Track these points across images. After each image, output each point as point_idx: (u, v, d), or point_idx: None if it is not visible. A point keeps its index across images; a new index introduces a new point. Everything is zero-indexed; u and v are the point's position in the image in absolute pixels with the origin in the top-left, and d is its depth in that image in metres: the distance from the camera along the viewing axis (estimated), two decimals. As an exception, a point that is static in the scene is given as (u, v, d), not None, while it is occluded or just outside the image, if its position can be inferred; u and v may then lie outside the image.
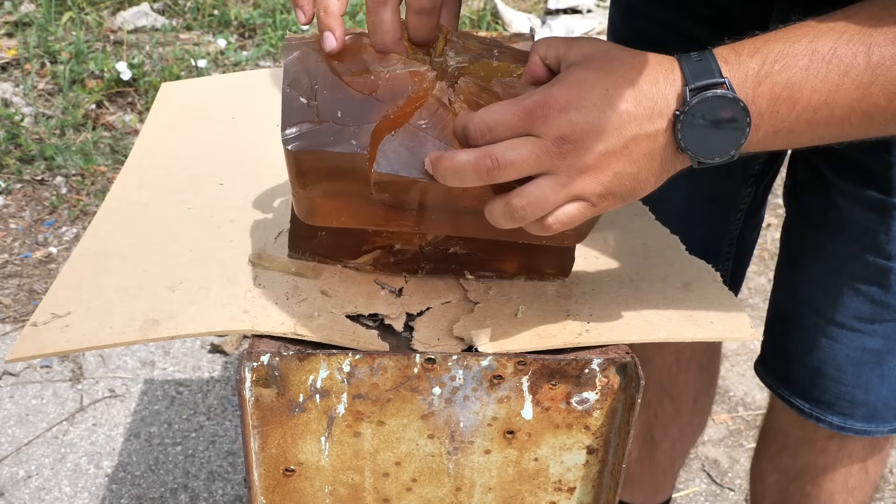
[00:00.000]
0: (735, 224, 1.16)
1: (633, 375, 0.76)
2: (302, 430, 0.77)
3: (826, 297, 1.00)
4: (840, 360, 1.01)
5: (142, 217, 0.92)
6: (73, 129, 2.61)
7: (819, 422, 1.06)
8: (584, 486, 0.83)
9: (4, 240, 2.28)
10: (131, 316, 0.77)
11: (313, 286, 0.82)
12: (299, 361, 0.74)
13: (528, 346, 0.76)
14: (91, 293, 0.80)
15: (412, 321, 0.80)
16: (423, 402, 0.77)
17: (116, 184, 0.99)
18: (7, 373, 1.90)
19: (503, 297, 0.83)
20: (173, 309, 0.78)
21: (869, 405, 1.03)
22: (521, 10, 3.24)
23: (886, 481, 1.80)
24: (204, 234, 0.88)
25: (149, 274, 0.83)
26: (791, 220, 1.06)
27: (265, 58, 3.09)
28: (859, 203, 0.93)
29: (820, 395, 1.04)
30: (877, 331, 0.98)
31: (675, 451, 1.43)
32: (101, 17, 3.09)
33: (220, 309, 0.78)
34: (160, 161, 1.03)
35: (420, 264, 0.84)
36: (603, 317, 0.80)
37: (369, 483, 0.81)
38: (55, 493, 1.66)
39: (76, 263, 0.85)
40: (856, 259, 0.96)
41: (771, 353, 1.12)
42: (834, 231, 0.97)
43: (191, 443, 1.77)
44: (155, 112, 1.16)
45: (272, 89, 1.22)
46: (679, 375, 1.30)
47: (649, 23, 1.05)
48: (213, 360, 1.96)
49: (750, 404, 1.93)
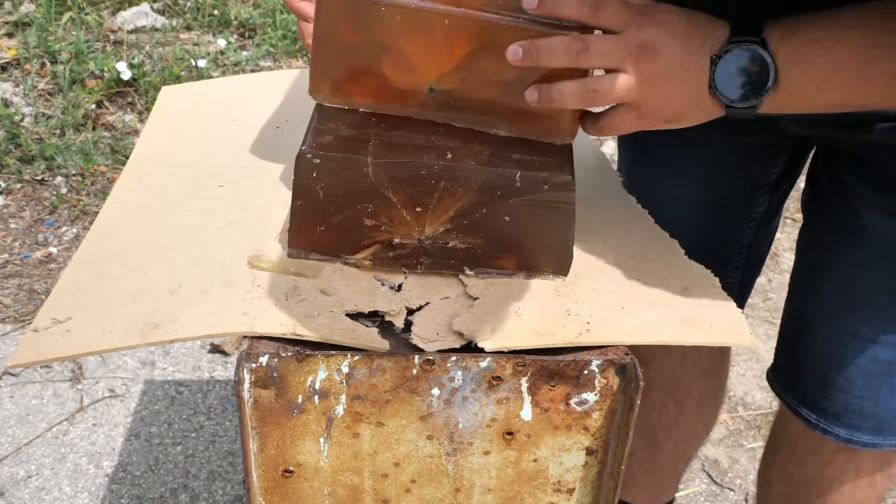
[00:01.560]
0: (747, 232, 1.16)
1: (632, 377, 0.76)
2: (301, 432, 0.77)
3: (841, 305, 0.99)
4: (850, 371, 1.00)
5: (142, 220, 0.92)
6: (73, 129, 2.61)
7: (826, 433, 1.05)
8: (584, 487, 0.83)
9: (4, 240, 2.28)
10: (132, 320, 0.77)
11: (312, 285, 0.82)
12: (298, 362, 0.74)
13: (528, 344, 0.76)
14: (92, 297, 0.80)
15: (411, 315, 0.80)
16: (422, 403, 0.77)
17: (117, 187, 0.99)
18: (7, 373, 1.90)
19: (503, 294, 0.83)
20: (173, 312, 0.77)
21: (877, 417, 1.01)
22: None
23: (886, 481, 1.80)
24: (203, 237, 0.88)
25: (149, 277, 0.83)
26: (808, 228, 1.06)
27: (265, 58, 3.09)
28: (879, 210, 0.93)
29: (828, 406, 1.03)
30: (889, 341, 0.97)
31: (678, 454, 1.43)
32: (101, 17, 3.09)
33: (219, 311, 0.78)
34: (160, 164, 1.03)
35: (419, 259, 0.84)
36: (603, 317, 0.80)
37: (368, 484, 0.81)
38: (55, 493, 1.66)
39: (77, 267, 0.85)
40: (873, 267, 0.95)
41: (783, 361, 1.11)
42: (852, 238, 0.96)
43: (191, 443, 1.77)
44: (155, 115, 1.17)
45: (272, 92, 1.22)
46: (683, 379, 1.30)
47: None
48: (213, 360, 1.96)
49: (750, 404, 1.93)
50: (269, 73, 1.37)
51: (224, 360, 1.94)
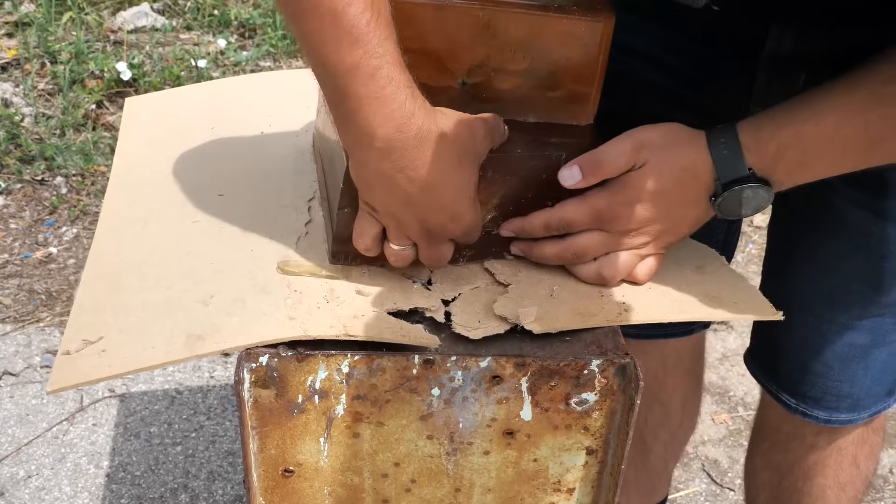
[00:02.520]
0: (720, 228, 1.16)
1: (632, 376, 0.76)
2: (301, 431, 0.77)
3: (817, 295, 1.00)
4: (828, 357, 1.02)
5: (145, 234, 0.91)
6: (73, 129, 2.61)
7: (806, 417, 1.07)
8: (584, 487, 0.83)
9: (4, 240, 2.28)
10: (171, 334, 0.76)
11: (348, 287, 0.82)
12: (298, 362, 0.74)
13: (572, 325, 0.79)
14: (118, 315, 0.79)
15: (447, 306, 0.81)
16: (422, 402, 0.77)
17: (106, 203, 0.97)
18: (7, 373, 1.90)
19: (533, 279, 0.84)
20: (214, 323, 0.77)
21: (853, 397, 1.04)
22: (521, 10, 3.24)
23: (886, 481, 1.80)
24: (219, 246, 0.88)
25: (173, 290, 0.82)
26: (779, 219, 1.06)
27: (265, 58, 3.09)
28: (854, 203, 0.94)
29: (808, 390, 1.05)
30: (865, 326, 0.99)
31: (667, 453, 1.43)
32: (101, 17, 3.08)
33: (264, 318, 0.77)
34: (147, 176, 1.01)
35: (461, 252, 0.85)
36: (635, 297, 0.83)
37: (368, 484, 0.81)
38: (55, 493, 1.66)
39: (91, 287, 0.83)
40: (849, 258, 0.96)
41: (760, 347, 1.13)
42: (829, 231, 0.97)
43: (191, 443, 1.77)
44: (126, 127, 1.13)
45: (244, 97, 1.20)
46: (667, 380, 1.31)
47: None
48: (214, 360, 1.96)
49: (750, 404, 1.93)
50: (234, 78, 1.35)
51: (224, 360, 1.94)
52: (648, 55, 0.98)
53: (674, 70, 0.97)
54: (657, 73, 0.98)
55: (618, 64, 1.05)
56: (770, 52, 0.87)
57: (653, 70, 0.98)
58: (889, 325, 1.00)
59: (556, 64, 0.81)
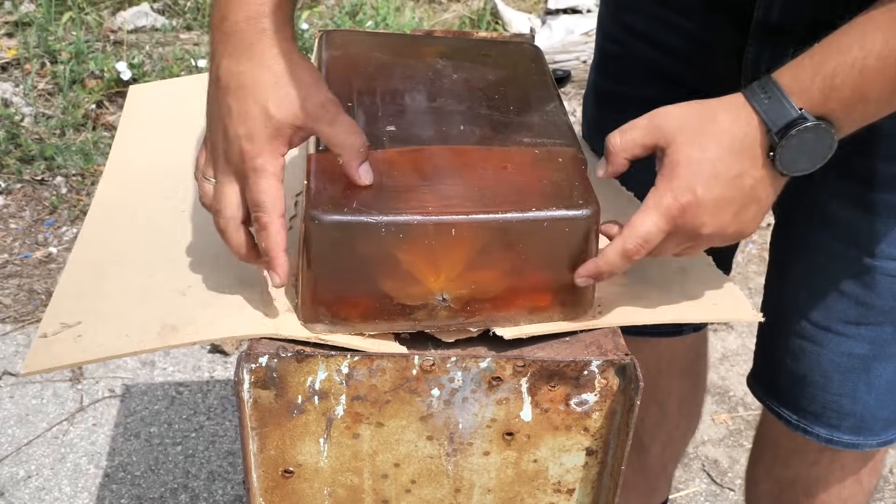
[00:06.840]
0: None
1: (632, 377, 0.76)
2: (301, 432, 0.77)
3: (811, 298, 0.99)
4: (826, 367, 1.00)
5: (133, 223, 0.91)
6: (73, 129, 2.61)
7: (806, 434, 1.04)
8: (584, 488, 0.83)
9: (4, 240, 2.28)
10: (145, 322, 0.76)
11: None
12: (298, 363, 0.74)
13: (545, 330, 0.78)
14: (97, 301, 0.79)
15: None
16: (422, 403, 0.77)
17: (99, 191, 0.97)
18: (7, 373, 1.90)
19: None
20: (189, 314, 0.77)
21: (856, 415, 1.01)
22: (521, 10, 3.23)
23: (887, 481, 1.80)
24: (204, 237, 0.88)
25: (154, 279, 0.82)
26: (777, 224, 1.06)
27: (265, 57, 3.09)
28: (842, 198, 0.93)
29: (807, 404, 1.03)
30: (862, 335, 0.97)
31: (665, 454, 1.42)
32: (101, 17, 3.08)
33: (238, 312, 0.77)
34: (141, 166, 1.01)
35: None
36: (611, 299, 0.82)
37: (368, 484, 0.81)
38: (55, 493, 1.66)
39: (75, 272, 0.84)
40: (840, 257, 0.95)
41: (761, 363, 1.11)
42: (818, 228, 0.96)
43: (191, 443, 1.77)
44: (127, 115, 1.13)
45: None
46: (661, 381, 1.29)
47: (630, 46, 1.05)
48: (213, 360, 1.96)
49: (750, 404, 1.93)
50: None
51: (224, 360, 1.94)
52: (648, 36, 0.97)
53: (672, 50, 0.96)
54: (657, 53, 0.98)
55: (619, 45, 1.04)
56: (758, 21, 0.85)
57: (654, 51, 0.98)
58: (889, 336, 0.97)
59: None
